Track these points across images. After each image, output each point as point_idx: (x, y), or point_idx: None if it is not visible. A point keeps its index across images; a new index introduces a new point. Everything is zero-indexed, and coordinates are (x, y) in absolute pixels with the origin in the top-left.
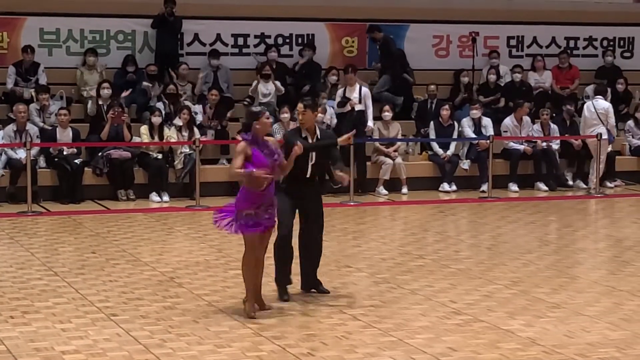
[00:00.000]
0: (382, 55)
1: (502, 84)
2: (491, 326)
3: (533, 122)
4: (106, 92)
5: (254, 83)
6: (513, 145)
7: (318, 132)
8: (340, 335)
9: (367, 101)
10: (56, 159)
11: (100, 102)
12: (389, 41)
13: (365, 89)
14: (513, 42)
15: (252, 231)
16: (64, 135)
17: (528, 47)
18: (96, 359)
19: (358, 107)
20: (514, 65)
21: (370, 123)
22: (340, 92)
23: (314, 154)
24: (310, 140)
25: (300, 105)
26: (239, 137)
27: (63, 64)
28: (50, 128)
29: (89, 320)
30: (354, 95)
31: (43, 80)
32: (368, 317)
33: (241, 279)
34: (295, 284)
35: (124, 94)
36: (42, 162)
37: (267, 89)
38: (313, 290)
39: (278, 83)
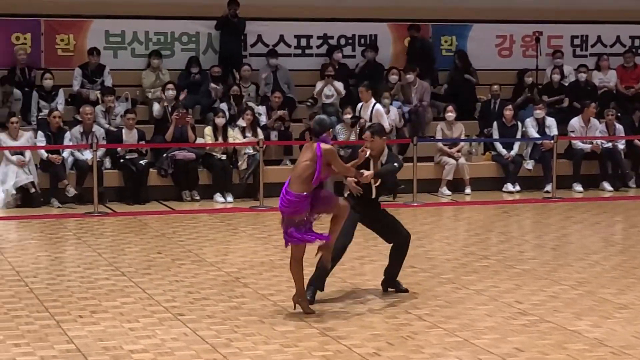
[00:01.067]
0: (421, 57)
1: (566, 84)
2: (558, 327)
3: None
4: (171, 93)
5: (318, 84)
6: (580, 145)
7: (385, 156)
8: (406, 335)
9: (381, 119)
10: (122, 160)
11: (165, 104)
12: (429, 45)
13: (378, 107)
14: (577, 42)
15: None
16: (130, 136)
17: (592, 46)
18: (164, 358)
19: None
20: (579, 64)
21: None
22: (358, 107)
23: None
24: (372, 165)
25: (367, 134)
26: (323, 145)
27: (128, 66)
28: (115, 130)
29: (157, 320)
30: (367, 113)
31: (108, 82)
32: (433, 317)
33: (305, 280)
34: (360, 283)
35: (182, 95)
36: (107, 163)
37: (331, 90)
38: (392, 289)
39: (339, 86)
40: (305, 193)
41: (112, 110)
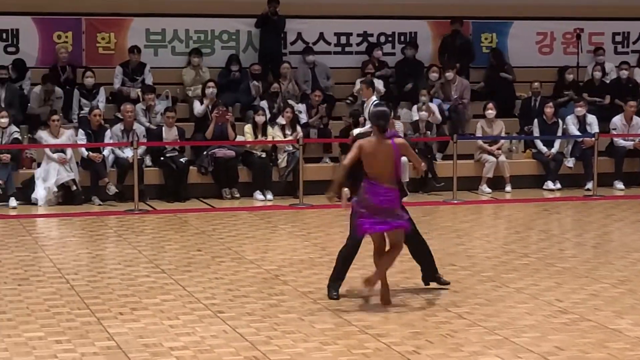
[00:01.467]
0: (460, 54)
1: (608, 81)
2: (598, 325)
3: None
4: (211, 91)
5: (358, 82)
6: (622, 142)
7: None
8: (445, 333)
9: None
10: (162, 158)
11: (205, 102)
12: (468, 41)
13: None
14: (618, 38)
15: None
16: (170, 134)
17: (634, 43)
18: (204, 355)
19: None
20: (620, 62)
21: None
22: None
23: None
24: None
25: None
26: (397, 140)
27: (168, 64)
28: (156, 128)
29: (196, 317)
30: (367, 110)
31: (149, 80)
32: (473, 315)
33: (349, 276)
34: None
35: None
36: (148, 161)
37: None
38: (433, 283)
39: (379, 84)
40: (395, 188)
41: (152, 108)
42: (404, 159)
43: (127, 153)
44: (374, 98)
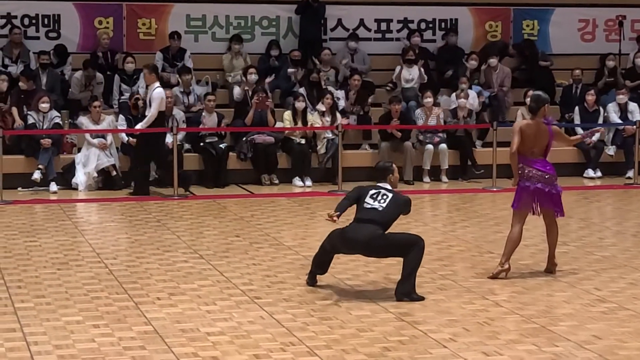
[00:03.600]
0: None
1: None
2: (637, 314)
3: None
4: (252, 77)
5: (397, 68)
6: None
7: None
8: (482, 321)
9: (154, 103)
10: (202, 144)
11: (245, 88)
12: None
13: (159, 90)
14: None
15: None
16: (210, 120)
17: None
18: (240, 341)
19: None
20: None
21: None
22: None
23: None
24: None
25: None
26: (554, 127)
27: (209, 50)
28: (193, 112)
29: (234, 303)
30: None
31: (189, 65)
32: (510, 303)
33: (382, 264)
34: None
35: (268, 79)
36: (187, 146)
37: (411, 74)
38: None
39: (422, 70)
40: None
41: (190, 91)
42: (443, 146)
43: (167, 139)
44: (156, 84)
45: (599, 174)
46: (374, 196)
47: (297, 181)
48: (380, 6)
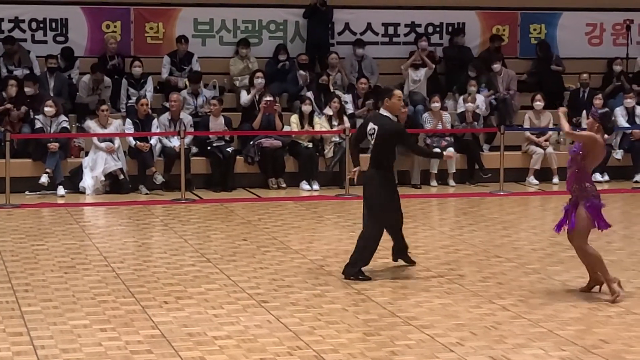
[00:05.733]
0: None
1: None
2: None
3: None
4: (260, 81)
5: (404, 72)
6: None
7: None
8: (489, 325)
9: None
10: (209, 148)
11: (253, 92)
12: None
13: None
14: None
15: None
16: (216, 123)
17: None
18: (247, 345)
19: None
20: None
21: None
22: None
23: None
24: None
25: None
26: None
27: (216, 54)
28: (201, 116)
29: (240, 307)
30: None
31: (197, 69)
32: (518, 307)
33: (389, 268)
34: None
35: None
36: (194, 150)
37: (417, 75)
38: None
39: (419, 74)
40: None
41: (198, 95)
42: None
43: (174, 142)
44: None
45: (606, 177)
46: (370, 132)
47: (304, 185)
48: (388, 10)
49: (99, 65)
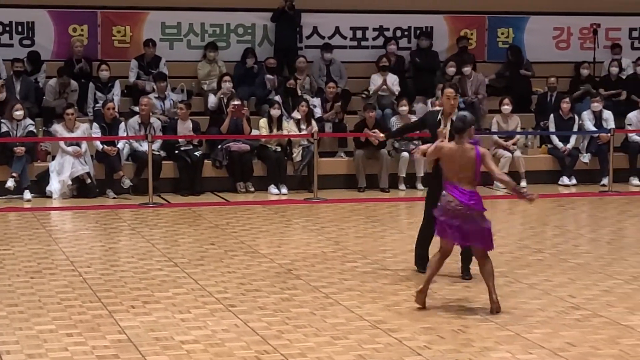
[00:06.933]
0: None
1: (624, 77)
2: (611, 322)
3: None
4: (227, 85)
5: (373, 77)
6: (636, 138)
7: (455, 115)
8: (457, 328)
9: None
10: (177, 152)
11: (220, 96)
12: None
13: None
14: (635, 34)
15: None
16: (184, 127)
17: None
18: (215, 349)
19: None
20: (637, 57)
21: None
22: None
23: (446, 136)
24: (443, 123)
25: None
26: (481, 149)
27: (184, 58)
28: (169, 119)
29: (208, 311)
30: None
31: (165, 72)
32: (485, 310)
33: (357, 272)
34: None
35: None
36: (162, 154)
37: (387, 81)
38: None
39: (394, 79)
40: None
41: (166, 98)
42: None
43: (144, 146)
44: None
45: (574, 181)
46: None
47: (272, 189)
48: (356, 14)
49: (66, 68)
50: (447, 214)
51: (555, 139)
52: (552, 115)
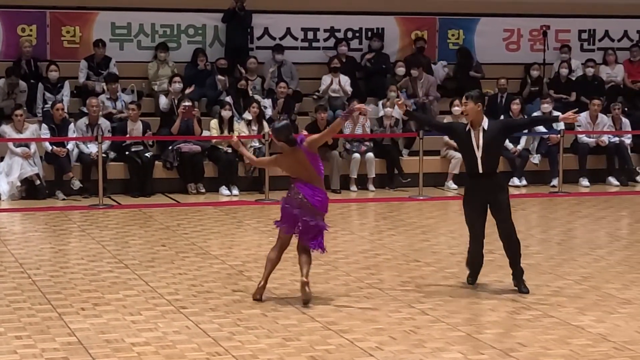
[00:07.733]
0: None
1: (574, 78)
2: (561, 322)
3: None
4: (177, 86)
5: (324, 78)
6: (585, 139)
7: (485, 124)
8: (408, 329)
9: None
10: (127, 153)
11: (171, 97)
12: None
13: None
14: (585, 36)
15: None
16: (135, 128)
17: (600, 40)
18: (166, 351)
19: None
20: (586, 59)
21: None
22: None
23: (480, 146)
24: (473, 134)
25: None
26: (304, 143)
27: (134, 58)
28: (120, 120)
29: (159, 313)
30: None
31: (114, 73)
32: (437, 311)
33: (313, 272)
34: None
35: (188, 90)
36: (112, 155)
37: (337, 84)
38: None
39: (345, 81)
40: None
41: (117, 99)
42: (369, 155)
43: (92, 148)
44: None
45: (524, 182)
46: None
47: (223, 190)
48: (307, 15)
49: (14, 69)
50: (291, 203)
51: (509, 144)
52: (502, 116)
